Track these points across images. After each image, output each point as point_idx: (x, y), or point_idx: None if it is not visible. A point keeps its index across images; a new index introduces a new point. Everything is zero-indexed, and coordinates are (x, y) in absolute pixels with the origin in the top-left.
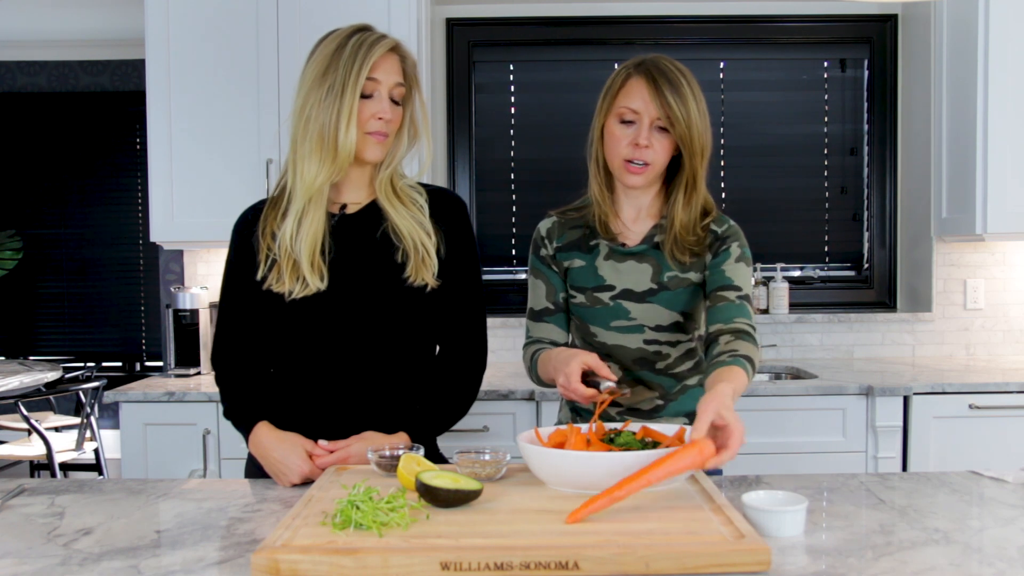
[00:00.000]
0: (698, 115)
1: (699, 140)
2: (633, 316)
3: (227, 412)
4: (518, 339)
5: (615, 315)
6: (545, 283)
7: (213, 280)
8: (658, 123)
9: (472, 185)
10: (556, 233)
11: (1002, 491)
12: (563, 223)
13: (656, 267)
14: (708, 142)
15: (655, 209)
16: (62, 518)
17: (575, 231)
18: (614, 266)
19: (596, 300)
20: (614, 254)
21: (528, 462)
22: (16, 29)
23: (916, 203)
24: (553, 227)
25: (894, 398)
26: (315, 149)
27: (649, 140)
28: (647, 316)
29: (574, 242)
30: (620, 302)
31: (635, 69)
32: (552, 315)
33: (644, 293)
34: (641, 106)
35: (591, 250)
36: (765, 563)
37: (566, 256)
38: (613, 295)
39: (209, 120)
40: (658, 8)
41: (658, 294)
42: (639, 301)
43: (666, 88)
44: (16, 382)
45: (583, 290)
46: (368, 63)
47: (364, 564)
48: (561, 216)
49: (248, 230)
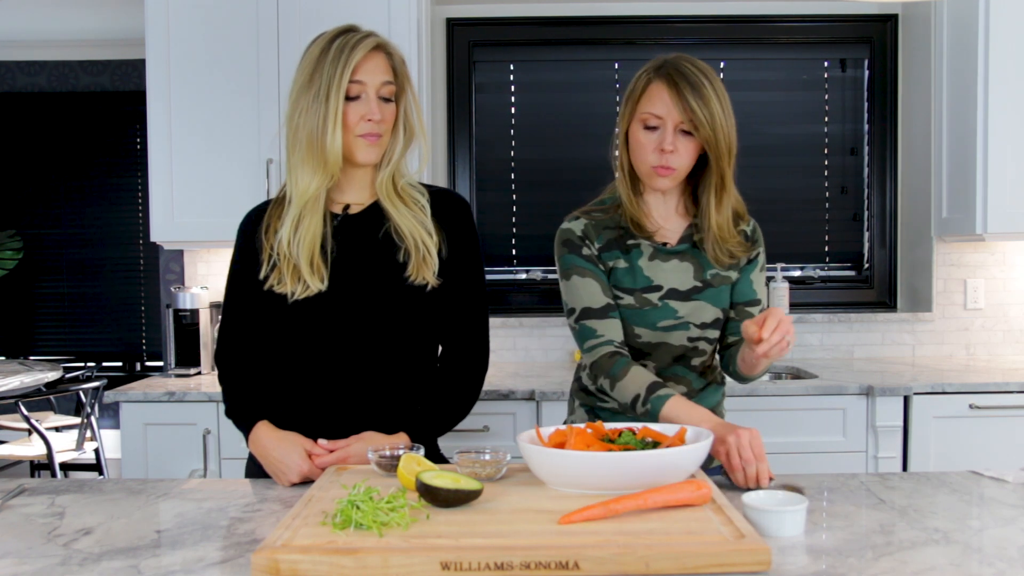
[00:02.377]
0: (722, 115)
1: (725, 141)
2: (680, 315)
3: (228, 411)
4: (518, 339)
5: (663, 315)
6: (596, 280)
7: (213, 280)
8: (682, 127)
9: (472, 185)
10: (593, 234)
11: (1002, 491)
12: (595, 224)
13: (698, 265)
14: (734, 141)
15: (682, 208)
16: (62, 518)
17: (609, 231)
18: (659, 266)
19: (645, 301)
20: (658, 254)
21: (528, 462)
22: (16, 29)
23: (916, 203)
24: (588, 228)
25: (894, 398)
26: (306, 157)
27: (674, 145)
28: (694, 314)
29: (613, 243)
30: (667, 302)
31: (656, 73)
32: (614, 310)
33: (690, 291)
34: (664, 111)
35: (630, 250)
36: (765, 563)
37: (609, 256)
38: (661, 295)
39: (209, 120)
40: (658, 8)
41: (704, 291)
42: (685, 299)
43: (688, 92)
44: (16, 382)
45: (631, 291)
46: (350, 65)
47: (364, 564)
48: (588, 217)
49: (252, 230)
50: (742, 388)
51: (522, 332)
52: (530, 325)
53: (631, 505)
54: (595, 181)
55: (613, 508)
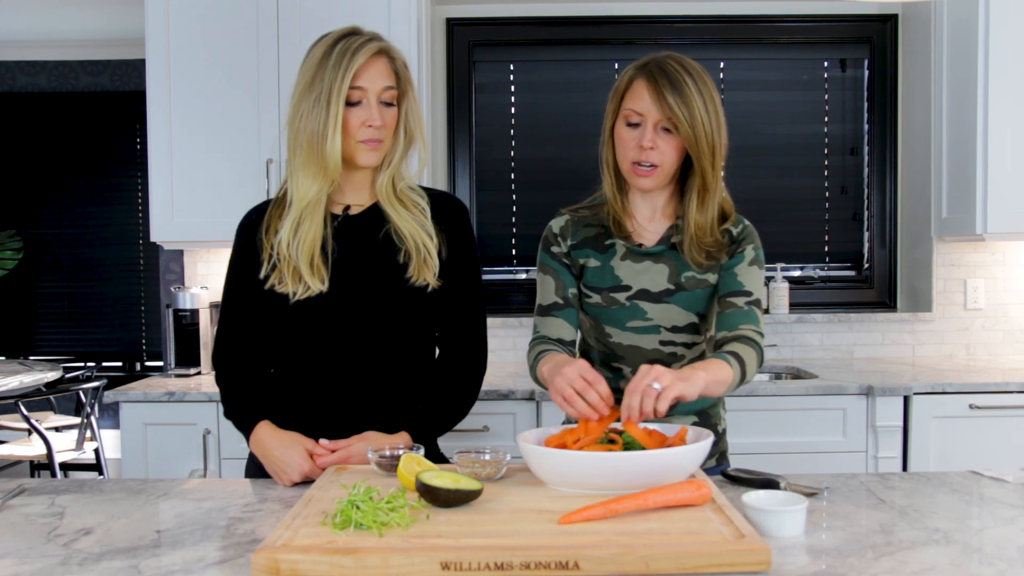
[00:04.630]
0: (705, 115)
1: (706, 140)
2: (650, 316)
3: (228, 412)
4: (518, 339)
5: (631, 315)
6: (554, 278)
7: (213, 280)
8: (662, 124)
9: (472, 185)
10: (570, 231)
11: (1002, 491)
12: (576, 221)
13: (673, 268)
14: (719, 142)
15: (670, 209)
16: (62, 518)
17: (589, 229)
18: (631, 266)
19: (612, 300)
20: (631, 254)
21: (528, 462)
22: (16, 29)
23: (916, 203)
24: (567, 225)
25: (894, 398)
26: (307, 160)
27: (654, 142)
28: (664, 317)
29: (588, 241)
30: (637, 302)
31: (639, 71)
32: (560, 310)
33: (661, 293)
34: (644, 108)
35: (606, 250)
36: (765, 563)
37: (581, 255)
38: (629, 295)
39: (209, 120)
40: (658, 8)
41: (675, 295)
42: (656, 302)
43: (667, 89)
44: (16, 382)
45: (599, 290)
46: (351, 71)
47: (364, 564)
48: (574, 214)
49: (252, 229)
50: (742, 388)
51: (522, 332)
52: (530, 325)
53: (631, 505)
54: (595, 181)
55: (613, 508)
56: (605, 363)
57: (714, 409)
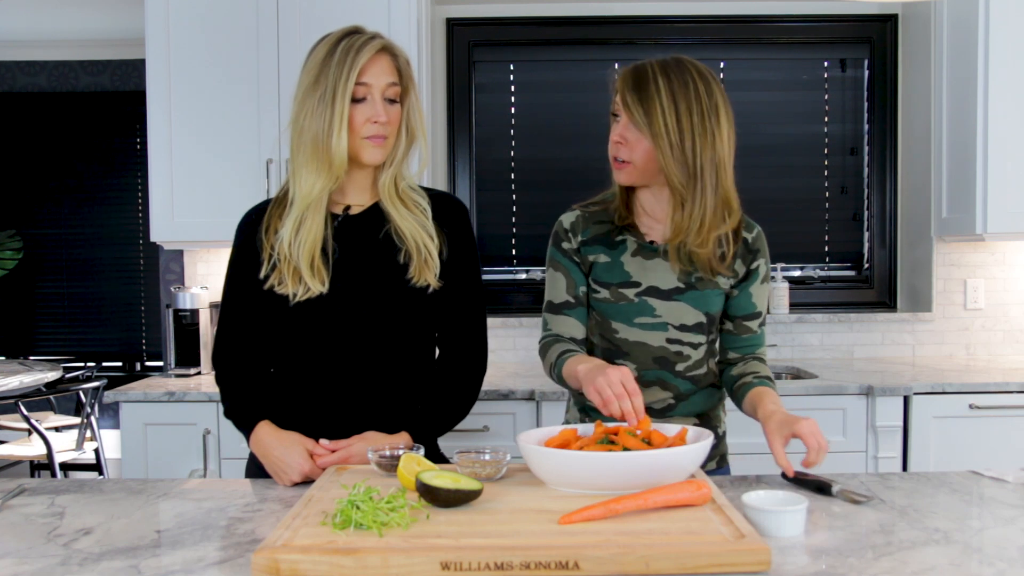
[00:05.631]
0: (671, 119)
1: (670, 146)
2: (658, 313)
3: (228, 412)
4: (518, 339)
5: (639, 311)
6: (565, 276)
7: (213, 280)
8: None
9: (472, 185)
10: (580, 227)
11: (1002, 491)
12: (587, 217)
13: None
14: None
15: None
16: (62, 518)
17: (600, 226)
18: (641, 263)
19: (621, 296)
20: (642, 251)
21: (528, 462)
22: (16, 29)
23: (916, 203)
24: (577, 221)
25: (894, 398)
26: (311, 158)
27: (623, 137)
28: (672, 314)
29: (599, 237)
30: (646, 299)
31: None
32: (572, 308)
33: (671, 291)
34: (618, 104)
35: (616, 246)
36: (765, 563)
37: (591, 250)
38: (639, 292)
39: (209, 120)
40: (658, 8)
41: (685, 293)
42: (665, 299)
43: (629, 86)
44: (16, 382)
45: (607, 285)
46: (356, 68)
47: (364, 564)
48: (584, 210)
49: (252, 229)
50: None
51: (522, 332)
52: (530, 325)
53: (631, 505)
54: (595, 181)
55: (613, 508)
56: (607, 359)
57: (714, 412)
